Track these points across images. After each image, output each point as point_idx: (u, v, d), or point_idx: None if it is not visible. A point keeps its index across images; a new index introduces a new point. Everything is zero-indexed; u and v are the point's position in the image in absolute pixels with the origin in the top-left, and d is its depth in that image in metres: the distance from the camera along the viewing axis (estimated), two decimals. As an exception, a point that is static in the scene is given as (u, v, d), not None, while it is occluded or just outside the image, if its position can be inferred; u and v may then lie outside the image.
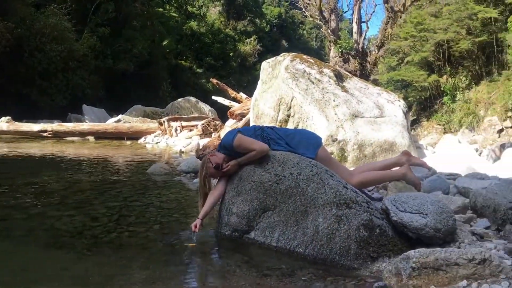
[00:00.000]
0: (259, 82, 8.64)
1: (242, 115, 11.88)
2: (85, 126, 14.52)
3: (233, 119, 12.58)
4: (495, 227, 2.99)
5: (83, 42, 21.33)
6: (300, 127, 6.90)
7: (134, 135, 14.48)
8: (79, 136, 14.05)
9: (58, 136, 13.76)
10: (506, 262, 2.31)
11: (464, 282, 2.12)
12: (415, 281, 2.21)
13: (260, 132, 3.51)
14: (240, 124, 10.90)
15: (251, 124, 8.17)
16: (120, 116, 16.36)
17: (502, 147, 7.44)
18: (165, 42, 29.56)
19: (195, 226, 3.24)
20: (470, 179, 4.29)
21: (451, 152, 6.08)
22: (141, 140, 14.17)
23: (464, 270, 2.17)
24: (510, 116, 10.80)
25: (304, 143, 3.53)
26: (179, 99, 19.82)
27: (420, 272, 2.21)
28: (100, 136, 14.15)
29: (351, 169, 4.15)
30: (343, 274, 2.70)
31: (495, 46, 12.23)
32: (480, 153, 7.93)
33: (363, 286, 2.47)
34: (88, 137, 14.16)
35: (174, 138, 13.76)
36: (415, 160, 3.79)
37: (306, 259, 2.93)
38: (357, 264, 2.81)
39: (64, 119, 16.80)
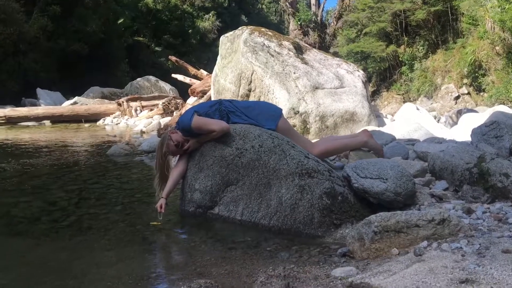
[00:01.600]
0: (219, 57, 8.52)
1: (204, 92, 11.73)
2: (40, 110, 14.03)
3: (194, 96, 12.44)
4: (453, 188, 3.07)
5: (33, 24, 20.34)
6: (262, 100, 6.85)
7: (92, 117, 14.09)
8: (35, 121, 13.58)
9: (12, 121, 13.25)
10: (464, 221, 2.38)
11: (425, 243, 2.16)
12: (377, 244, 2.24)
13: (217, 106, 3.46)
14: (202, 101, 10.81)
15: (212, 99, 8.10)
16: (76, 98, 15.90)
17: (459, 113, 7.65)
18: (120, 21, 28.62)
19: (161, 206, 3.21)
20: (428, 143, 4.39)
21: (409, 120, 6.20)
22: (99, 122, 13.83)
23: (424, 231, 2.22)
24: (465, 83, 11.12)
25: (264, 114, 3.51)
26: (138, 79, 19.36)
27: (382, 235, 2.25)
28: (57, 120, 13.72)
29: (313, 141, 4.18)
30: (307, 242, 2.73)
31: (449, 15, 12.47)
32: (438, 120, 8.15)
33: (327, 253, 2.50)
34: (44, 122, 13.71)
35: (134, 119, 13.50)
36: (373, 143, 3.80)
37: (271, 231, 2.94)
38: (321, 232, 2.84)
39: (18, 105, 16.14)
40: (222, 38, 8.70)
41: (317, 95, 6.99)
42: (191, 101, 12.34)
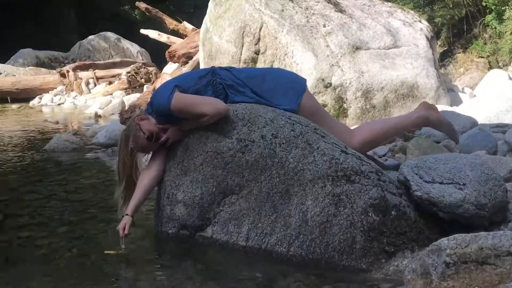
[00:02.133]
0: (211, 4, 8.49)
1: (188, 56, 11.71)
2: None
3: (174, 62, 12.42)
4: None
5: None
6: (276, 67, 6.81)
7: (23, 95, 14.23)
8: None
9: None
10: None
11: (523, 280, 2.15)
12: (450, 282, 2.23)
13: (210, 78, 3.46)
14: (186, 70, 10.76)
15: (201, 67, 8.07)
16: (-1, 67, 15.94)
17: None
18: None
19: (123, 229, 3.19)
20: (527, 131, 4.36)
21: (499, 95, 6.15)
22: (34, 102, 13.96)
23: (521, 261, 2.20)
24: None
25: (280, 88, 3.51)
26: (91, 37, 19.41)
27: (458, 269, 2.23)
28: (-31, 99, 13.83)
29: (352, 128, 4.18)
30: (345, 279, 2.70)
31: None
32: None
33: (376, 296, 2.50)
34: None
35: (85, 96, 13.59)
36: (436, 118, 3.70)
37: (291, 262, 2.93)
38: (365, 264, 2.83)
39: None
40: (215, -26, 8.67)
41: (358, 59, 6.96)
42: (170, 69, 12.31)
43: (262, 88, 3.47)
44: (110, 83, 13.87)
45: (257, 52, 7.21)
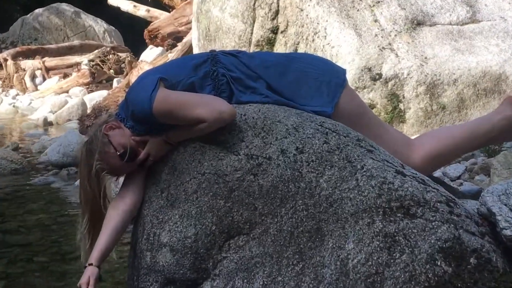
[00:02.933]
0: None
1: (177, 37, 11.72)
2: None
3: (156, 45, 12.45)
4: None
5: None
6: (301, 51, 6.87)
7: None
8: None
9: None
10: None
11: None
12: None
13: (208, 68, 3.48)
14: (174, 57, 10.74)
15: (196, 52, 8.09)
16: None
17: None
18: None
19: (87, 284, 3.19)
20: None
21: None
22: (-46, 103, 14.01)
23: None
24: None
25: (309, 82, 3.52)
26: (38, 10, 19.41)
27: None
28: None
29: (412, 138, 4.14)
30: None
31: None
32: None
33: None
34: None
35: (30, 94, 13.85)
36: None
37: (324, 332, 2.92)
38: (433, 336, 2.80)
39: None
40: None
41: (420, 40, 6.94)
42: (151, 56, 12.34)
43: (283, 81, 3.49)
44: (66, 76, 13.99)
45: (274, 31, 7.18)
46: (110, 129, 3.38)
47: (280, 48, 7.08)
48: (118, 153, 3.34)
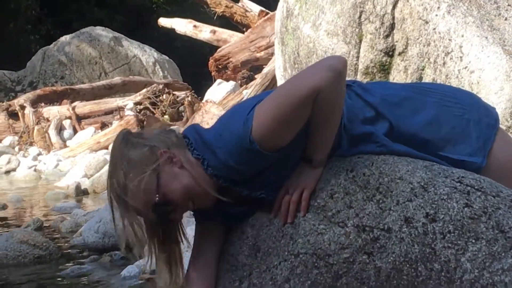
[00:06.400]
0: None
1: (253, 66, 10.56)
2: None
3: (226, 79, 11.10)
4: None
5: None
6: (429, 80, 5.74)
7: None
8: None
9: None
10: None
11: None
12: None
13: None
14: (249, 94, 9.50)
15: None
16: None
17: None
18: None
19: None
20: None
21: None
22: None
23: None
24: None
25: (452, 121, 2.59)
26: (64, 38, 16.52)
27: None
28: None
29: None
30: None
31: None
32: None
33: None
34: None
35: (56, 153, 11.96)
36: None
37: None
38: None
39: None
40: None
41: None
42: (219, 93, 10.88)
43: (415, 121, 2.56)
44: (104, 126, 11.73)
45: (389, 52, 6.08)
46: (169, 160, 2.36)
47: (397, 76, 5.98)
48: (156, 199, 2.31)
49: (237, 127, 2.33)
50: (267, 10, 10.55)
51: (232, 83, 10.16)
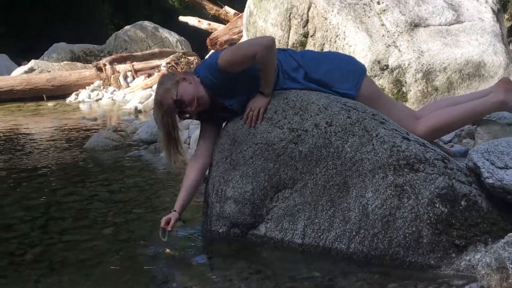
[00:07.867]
0: (254, -15, 8.49)
1: (231, 43, 11.73)
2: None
3: (216, 50, 12.47)
4: None
5: None
6: (327, 50, 6.78)
7: (59, 91, 14.41)
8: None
9: None
10: None
11: None
12: (530, 276, 2.18)
13: None
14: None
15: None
16: (33, 63, 16.10)
17: None
18: None
19: (167, 222, 3.26)
20: None
21: None
22: (70, 99, 14.09)
23: None
24: None
25: (339, 71, 3.52)
26: (127, 27, 19.52)
27: (538, 261, 2.18)
28: (4, 97, 14.05)
29: (415, 110, 4.13)
30: (412, 276, 2.67)
31: None
32: None
33: (447, 293, 2.47)
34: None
35: (123, 90, 13.70)
36: None
37: (351, 259, 2.93)
38: (434, 260, 2.79)
39: None
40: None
41: (417, 38, 6.85)
42: (213, 57, 12.56)
43: (319, 71, 3.48)
44: (149, 75, 13.88)
45: (305, 35, 7.15)
46: (183, 79, 3.37)
47: (310, 48, 7.07)
48: (175, 97, 3.30)
49: (212, 58, 3.35)
50: (239, 12, 12.34)
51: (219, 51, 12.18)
